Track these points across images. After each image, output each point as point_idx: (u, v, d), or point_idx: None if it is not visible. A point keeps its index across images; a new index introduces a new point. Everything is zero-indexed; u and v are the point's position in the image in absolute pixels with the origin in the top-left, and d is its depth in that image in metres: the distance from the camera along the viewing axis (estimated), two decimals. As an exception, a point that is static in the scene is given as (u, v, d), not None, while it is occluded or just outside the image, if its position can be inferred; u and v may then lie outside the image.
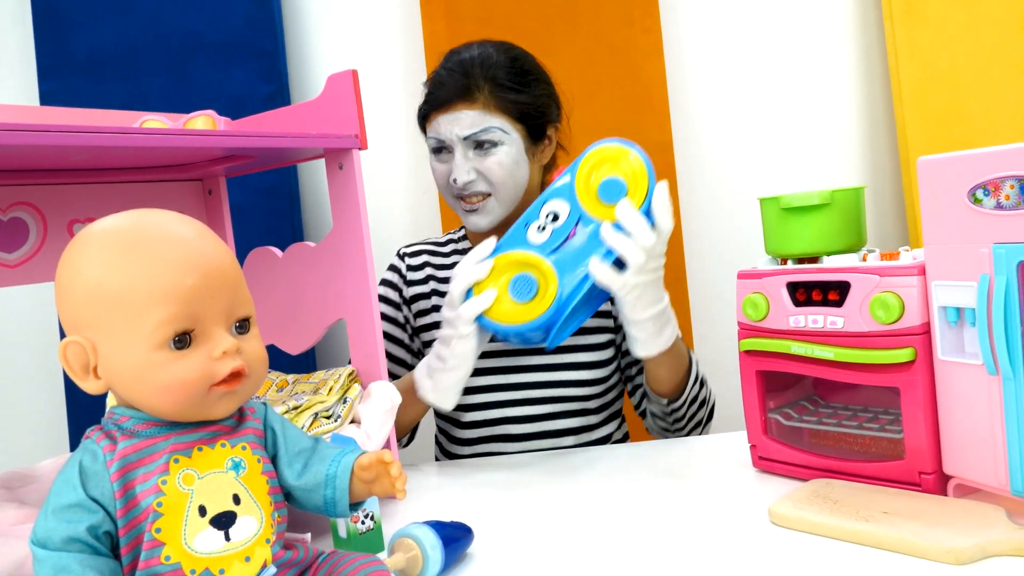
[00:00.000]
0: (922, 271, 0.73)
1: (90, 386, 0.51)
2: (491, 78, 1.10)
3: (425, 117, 1.15)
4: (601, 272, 0.90)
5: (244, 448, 0.54)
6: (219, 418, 0.53)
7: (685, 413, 1.09)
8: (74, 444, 1.58)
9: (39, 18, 1.61)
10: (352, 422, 0.88)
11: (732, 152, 1.63)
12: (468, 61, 1.11)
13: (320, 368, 1.57)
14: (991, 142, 1.52)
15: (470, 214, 1.12)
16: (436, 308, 1.17)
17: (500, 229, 1.11)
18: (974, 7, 1.54)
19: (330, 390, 0.89)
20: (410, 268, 1.22)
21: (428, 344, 1.18)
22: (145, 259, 0.50)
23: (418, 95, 1.63)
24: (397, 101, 1.65)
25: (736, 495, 0.82)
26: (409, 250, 1.24)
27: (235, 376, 0.52)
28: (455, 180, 1.09)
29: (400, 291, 1.21)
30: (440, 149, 1.12)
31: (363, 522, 0.75)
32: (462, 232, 1.26)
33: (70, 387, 1.57)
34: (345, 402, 0.88)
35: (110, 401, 0.86)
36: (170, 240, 0.51)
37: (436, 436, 1.25)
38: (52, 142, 0.63)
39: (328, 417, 0.86)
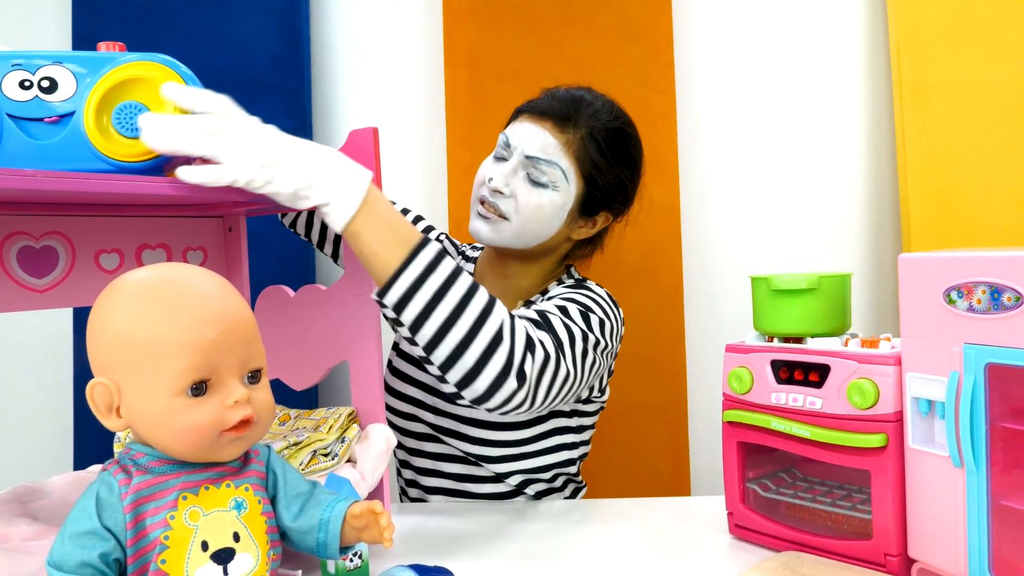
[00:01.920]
0: (898, 361, 0.77)
1: (112, 424, 0.55)
2: (591, 127, 1.07)
3: (514, 116, 1.13)
4: (189, 174, 0.74)
5: (247, 489, 0.58)
6: (227, 460, 0.58)
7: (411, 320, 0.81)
8: (79, 456, 1.62)
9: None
10: (348, 461, 0.92)
11: (738, 219, 1.67)
12: (583, 100, 1.09)
13: (320, 403, 1.62)
14: (992, 224, 1.56)
15: (480, 219, 1.08)
16: None
17: (499, 254, 1.13)
18: (983, 92, 1.59)
19: (330, 428, 0.93)
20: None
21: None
22: (171, 312, 0.55)
23: (437, 140, 1.71)
24: (415, 143, 1.71)
25: (709, 561, 0.85)
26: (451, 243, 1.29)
27: (244, 423, 0.56)
28: (490, 179, 1.05)
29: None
30: (499, 156, 1.09)
31: (351, 560, 0.79)
32: (478, 253, 1.26)
33: (79, 402, 1.61)
34: (343, 441, 0.92)
35: (121, 434, 0.91)
36: (195, 296, 0.56)
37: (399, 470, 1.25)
38: (92, 188, 0.68)
39: (326, 455, 0.90)
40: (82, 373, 1.61)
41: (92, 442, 1.62)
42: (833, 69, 1.66)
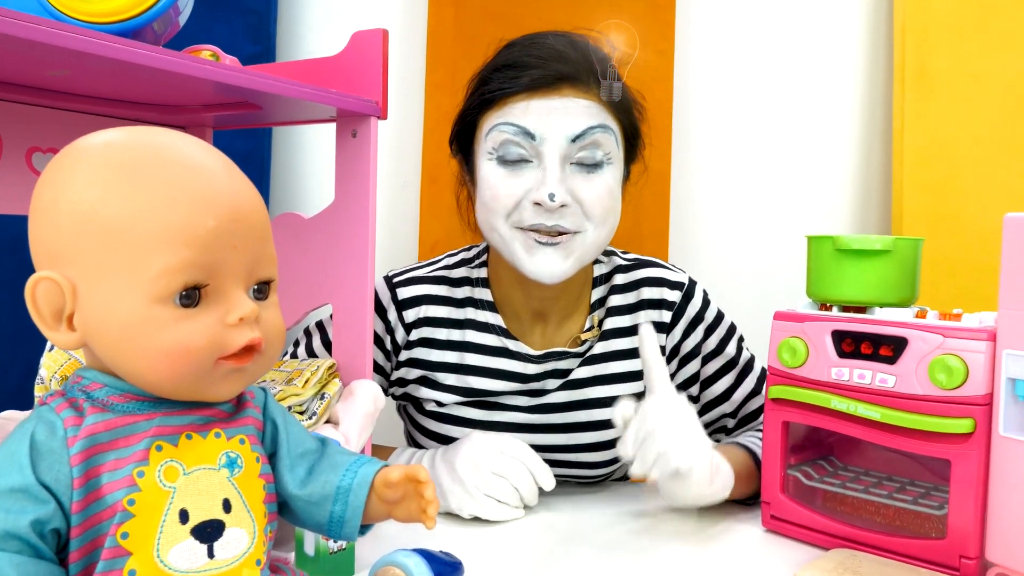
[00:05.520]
0: (992, 337, 0.67)
1: (61, 339, 0.40)
2: (603, 65, 0.81)
3: (488, 105, 0.84)
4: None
5: (242, 442, 0.43)
6: (218, 401, 0.42)
7: None
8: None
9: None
10: (327, 421, 0.77)
11: (724, 194, 1.58)
12: (571, 42, 0.84)
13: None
14: (981, 219, 1.51)
15: (545, 248, 0.80)
16: (429, 364, 0.93)
17: (566, 289, 0.89)
18: (985, 85, 1.53)
19: (305, 382, 0.78)
20: (403, 307, 0.93)
21: (406, 398, 0.96)
22: (157, 186, 0.39)
23: (414, 82, 1.54)
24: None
25: (749, 558, 0.74)
26: (406, 293, 0.93)
27: (249, 350, 0.41)
28: (552, 196, 0.78)
29: (381, 342, 0.93)
30: (515, 158, 0.82)
31: (335, 540, 0.64)
32: (481, 270, 0.94)
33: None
34: (322, 398, 0.77)
35: (46, 373, 0.73)
36: (191, 169, 0.40)
37: None
38: (58, 43, 0.51)
39: (302, 413, 0.75)
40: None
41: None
42: (835, 52, 1.58)
